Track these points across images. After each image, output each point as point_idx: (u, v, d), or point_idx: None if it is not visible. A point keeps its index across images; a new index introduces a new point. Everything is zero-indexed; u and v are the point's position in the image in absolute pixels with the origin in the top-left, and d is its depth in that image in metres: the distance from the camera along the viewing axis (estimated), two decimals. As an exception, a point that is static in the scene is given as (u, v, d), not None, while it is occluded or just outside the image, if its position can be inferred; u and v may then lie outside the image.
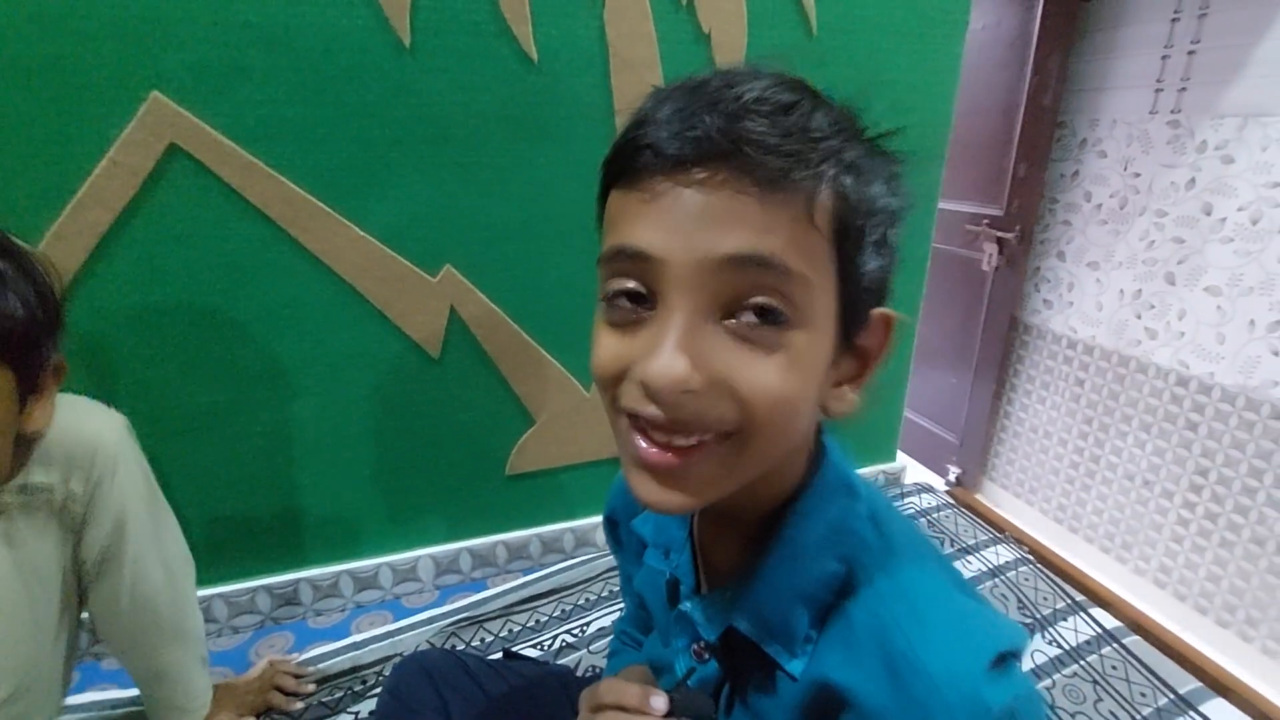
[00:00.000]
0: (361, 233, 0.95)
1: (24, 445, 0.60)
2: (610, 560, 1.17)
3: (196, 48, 0.82)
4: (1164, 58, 1.66)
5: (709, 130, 0.31)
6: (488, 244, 1.01)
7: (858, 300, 0.36)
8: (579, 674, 0.87)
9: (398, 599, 1.15)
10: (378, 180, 0.93)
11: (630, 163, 0.34)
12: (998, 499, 2.28)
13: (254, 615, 1.08)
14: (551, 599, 1.09)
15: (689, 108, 0.33)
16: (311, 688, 0.93)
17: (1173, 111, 1.65)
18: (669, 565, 0.49)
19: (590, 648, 0.99)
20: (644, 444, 0.35)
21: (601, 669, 0.77)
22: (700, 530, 0.49)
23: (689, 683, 0.47)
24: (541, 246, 1.03)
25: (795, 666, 0.41)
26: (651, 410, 0.33)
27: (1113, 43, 1.79)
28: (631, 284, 0.34)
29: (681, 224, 0.32)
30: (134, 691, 0.93)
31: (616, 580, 1.13)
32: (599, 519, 1.23)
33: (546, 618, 1.05)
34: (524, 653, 0.88)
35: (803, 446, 0.43)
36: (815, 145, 0.33)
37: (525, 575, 1.17)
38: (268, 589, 1.08)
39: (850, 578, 0.41)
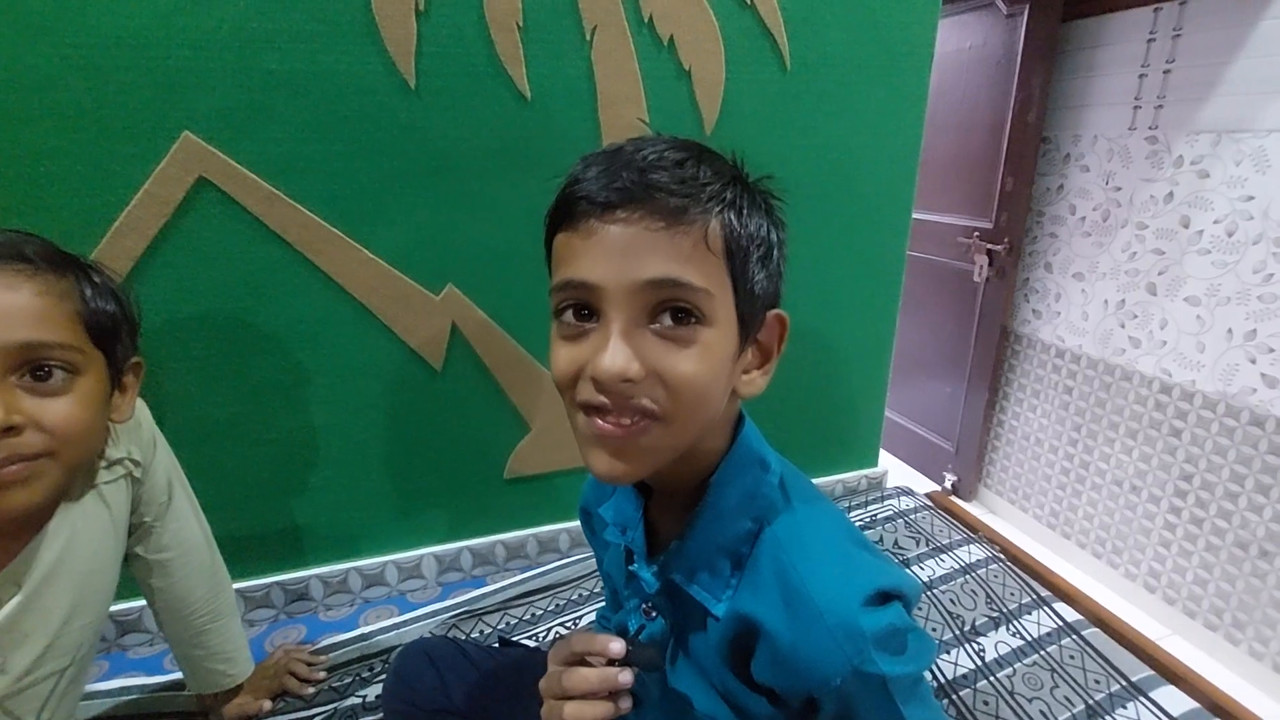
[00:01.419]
0: (371, 255, 1.04)
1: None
2: (603, 559, 1.24)
3: (224, 93, 0.92)
4: (1141, 76, 1.72)
5: (626, 182, 0.43)
6: (486, 265, 1.10)
7: (751, 304, 0.47)
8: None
9: (403, 595, 1.22)
10: (386, 208, 1.02)
11: (570, 210, 0.45)
12: (993, 505, 2.32)
13: (269, 609, 1.16)
14: (546, 594, 1.17)
15: (611, 167, 0.44)
16: (323, 675, 1.00)
17: (1150, 128, 1.71)
18: (626, 540, 0.58)
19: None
20: (600, 423, 0.44)
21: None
22: (651, 509, 0.58)
23: (640, 639, 0.55)
24: (535, 267, 1.10)
25: (719, 609, 0.50)
26: (601, 399, 0.43)
27: (1092, 62, 1.85)
28: (578, 303, 0.45)
29: (612, 257, 0.43)
30: (161, 678, 1.02)
31: (608, 578, 1.20)
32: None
33: (541, 611, 1.12)
34: (519, 643, 0.95)
35: (723, 423, 0.52)
36: (703, 189, 0.44)
37: (522, 573, 1.24)
38: (281, 585, 1.16)
39: (761, 533, 0.51)
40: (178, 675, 1.00)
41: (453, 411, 1.16)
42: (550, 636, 1.07)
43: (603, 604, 1.08)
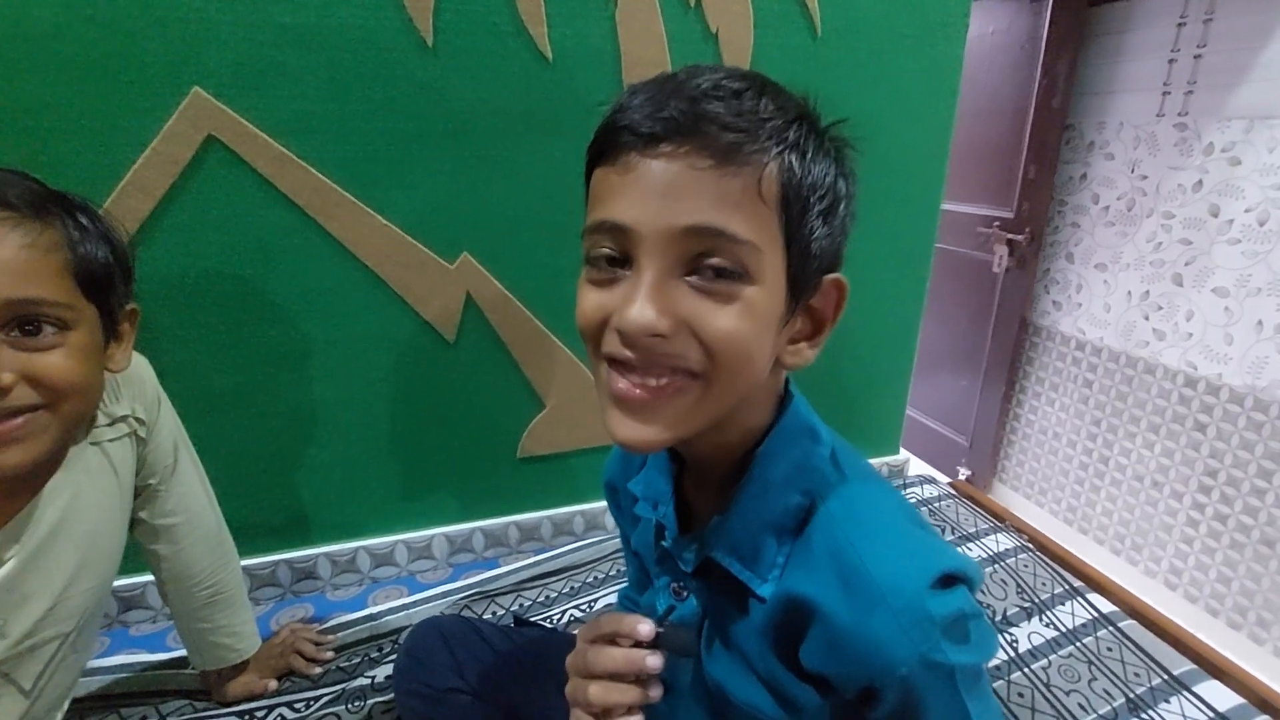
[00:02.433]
0: (384, 221, 1.00)
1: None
2: (617, 543, 1.21)
3: (235, 47, 0.88)
4: (1170, 61, 1.68)
5: (674, 112, 0.37)
6: (504, 233, 1.06)
7: (805, 265, 0.42)
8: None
9: (412, 575, 1.19)
10: (400, 172, 0.99)
11: (611, 142, 0.40)
12: (1008, 500, 2.28)
13: (275, 588, 1.13)
14: (560, 576, 1.13)
15: (658, 95, 0.39)
16: (330, 655, 0.97)
17: (1180, 114, 1.67)
18: (657, 515, 0.53)
19: (596, 623, 1.02)
20: (621, 382, 0.40)
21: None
22: (684, 484, 0.54)
23: (670, 620, 0.51)
24: (554, 235, 1.08)
25: (765, 590, 0.46)
26: (626, 354, 0.40)
27: (1120, 47, 1.81)
28: (610, 249, 0.40)
29: (649, 198, 0.38)
30: (162, 655, 0.98)
31: (623, 561, 1.16)
32: (603, 503, 1.27)
33: (556, 594, 1.09)
34: (536, 623, 0.91)
35: (765, 394, 0.48)
36: (763, 124, 0.38)
37: (536, 555, 1.20)
38: (288, 563, 1.12)
39: (812, 508, 0.46)
40: (180, 653, 0.97)
41: (465, 386, 1.13)
42: (565, 620, 1.04)
43: (624, 584, 1.05)
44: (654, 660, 0.47)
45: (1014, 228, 2.05)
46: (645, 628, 0.47)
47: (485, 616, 1.03)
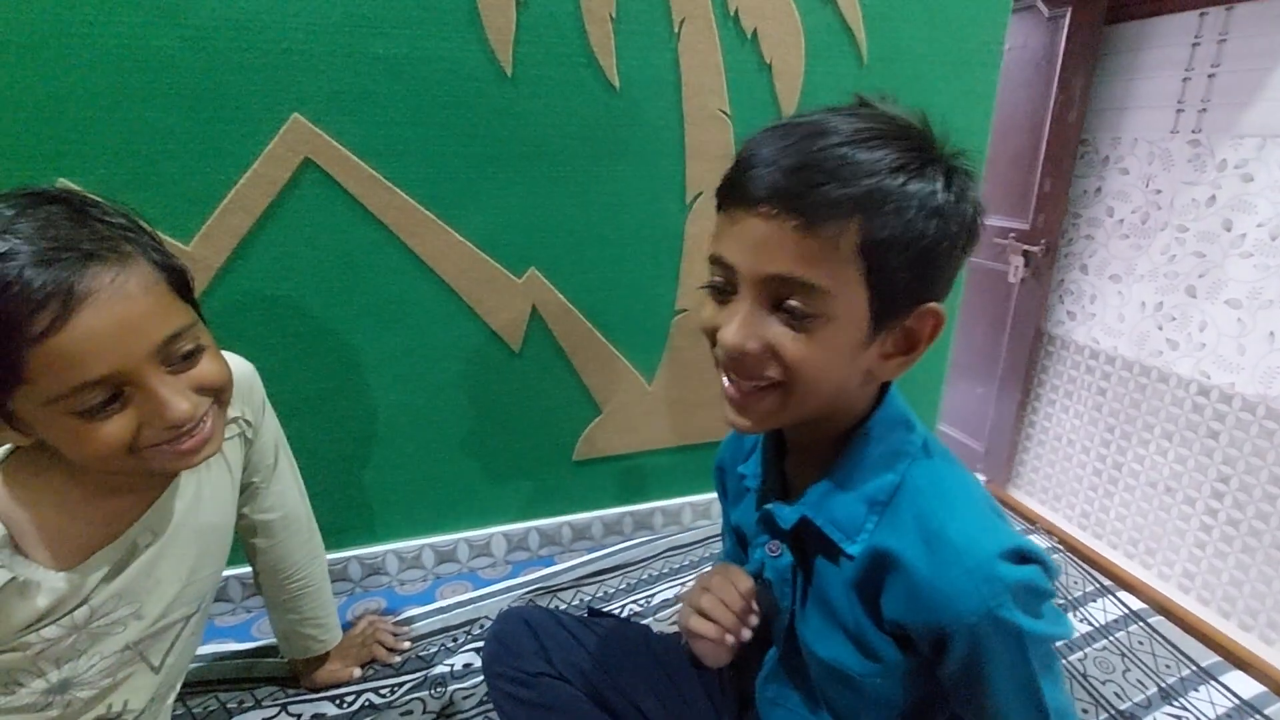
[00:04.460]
0: (460, 238, 1.07)
1: None
2: (668, 542, 1.27)
3: (333, 77, 0.95)
4: (1185, 80, 1.75)
5: (779, 177, 0.46)
6: (568, 249, 1.12)
7: (890, 302, 0.49)
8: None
9: (474, 572, 1.25)
10: (476, 192, 1.05)
11: (727, 194, 0.50)
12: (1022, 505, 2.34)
13: (347, 582, 1.19)
14: (616, 574, 1.19)
15: (777, 156, 0.46)
16: (408, 644, 1.03)
17: (1193, 131, 1.74)
18: (763, 486, 0.63)
19: (655, 616, 1.08)
20: (725, 381, 0.53)
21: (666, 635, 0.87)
22: (788, 465, 0.63)
23: (764, 576, 0.61)
24: (615, 253, 1.14)
25: (855, 549, 0.54)
26: (725, 359, 0.51)
27: (1135, 65, 1.88)
28: (721, 277, 0.51)
29: (746, 247, 0.48)
30: (249, 645, 1.05)
31: (676, 559, 1.23)
32: (657, 504, 1.34)
33: (614, 590, 1.15)
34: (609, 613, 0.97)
35: (861, 394, 0.56)
36: (857, 183, 0.45)
37: (589, 554, 1.27)
38: (359, 559, 1.19)
39: (902, 483, 0.54)
40: (264, 643, 1.03)
41: (527, 393, 1.19)
42: (624, 613, 1.10)
43: (679, 588, 1.13)
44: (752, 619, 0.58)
45: (1029, 239, 2.11)
46: (746, 582, 0.59)
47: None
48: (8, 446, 0.61)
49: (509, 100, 1.02)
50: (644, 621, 1.07)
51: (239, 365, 0.80)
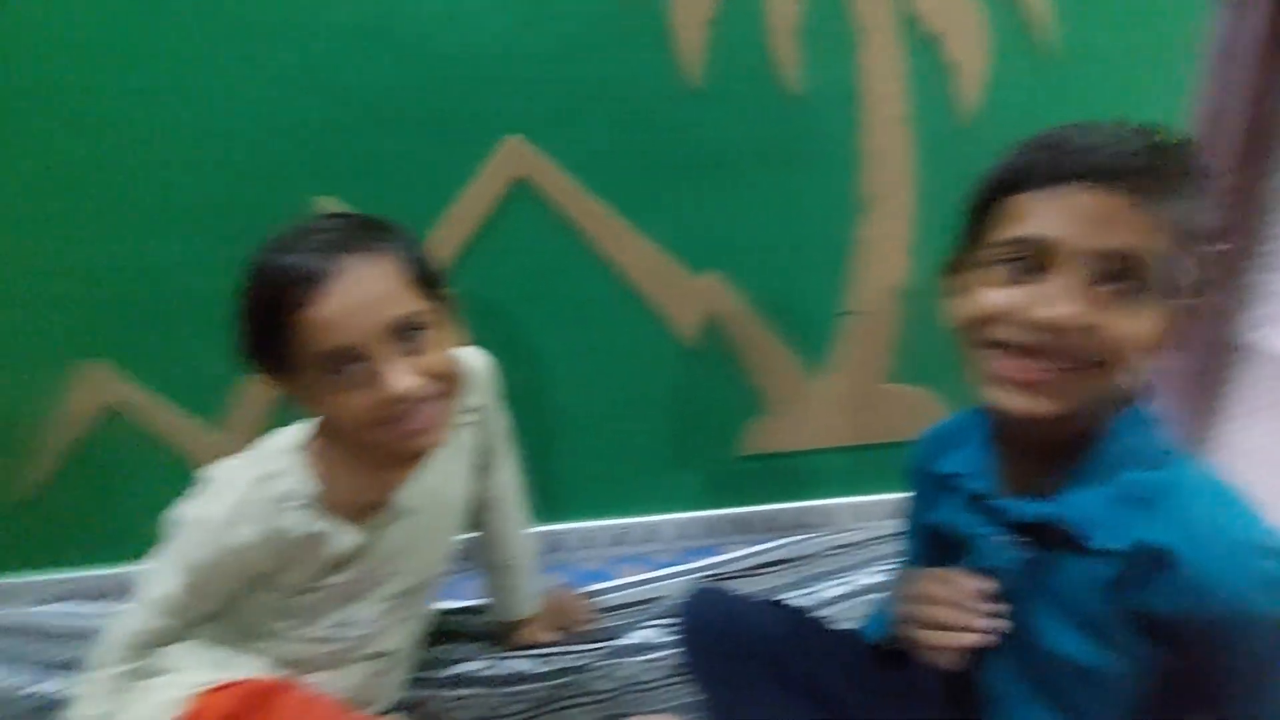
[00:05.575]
0: (649, 243, 1.15)
1: None
2: (829, 540, 1.29)
3: (545, 99, 1.07)
4: None
5: (1111, 160, 0.47)
6: (747, 253, 1.18)
7: (1183, 285, 0.49)
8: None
9: (645, 555, 1.33)
10: (665, 199, 1.14)
11: (1036, 175, 0.50)
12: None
13: (533, 555, 1.31)
14: (780, 568, 1.23)
15: (1096, 143, 0.48)
16: (596, 615, 1.12)
17: None
18: (982, 484, 0.62)
19: (822, 612, 1.11)
20: (1010, 364, 0.51)
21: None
22: (1001, 459, 0.62)
23: (990, 572, 0.59)
24: (788, 256, 1.19)
25: (1109, 543, 0.53)
26: (1027, 340, 0.49)
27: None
28: (1021, 256, 0.50)
29: (1078, 220, 0.48)
30: (458, 604, 1.17)
31: (840, 557, 1.24)
32: (815, 502, 1.36)
33: (780, 583, 1.19)
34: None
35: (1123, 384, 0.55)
36: (1178, 176, 0.47)
37: (752, 546, 1.31)
38: (542, 535, 1.30)
39: (1167, 481, 0.53)
40: (469, 603, 1.15)
41: (700, 388, 1.26)
42: (795, 606, 1.13)
43: (844, 586, 1.14)
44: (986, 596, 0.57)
45: (1220, 238, 1.92)
46: (977, 584, 0.57)
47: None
48: (315, 421, 0.75)
49: (695, 113, 1.09)
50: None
51: (479, 359, 0.91)
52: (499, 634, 1.09)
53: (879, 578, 1.16)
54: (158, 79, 1.02)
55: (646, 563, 1.30)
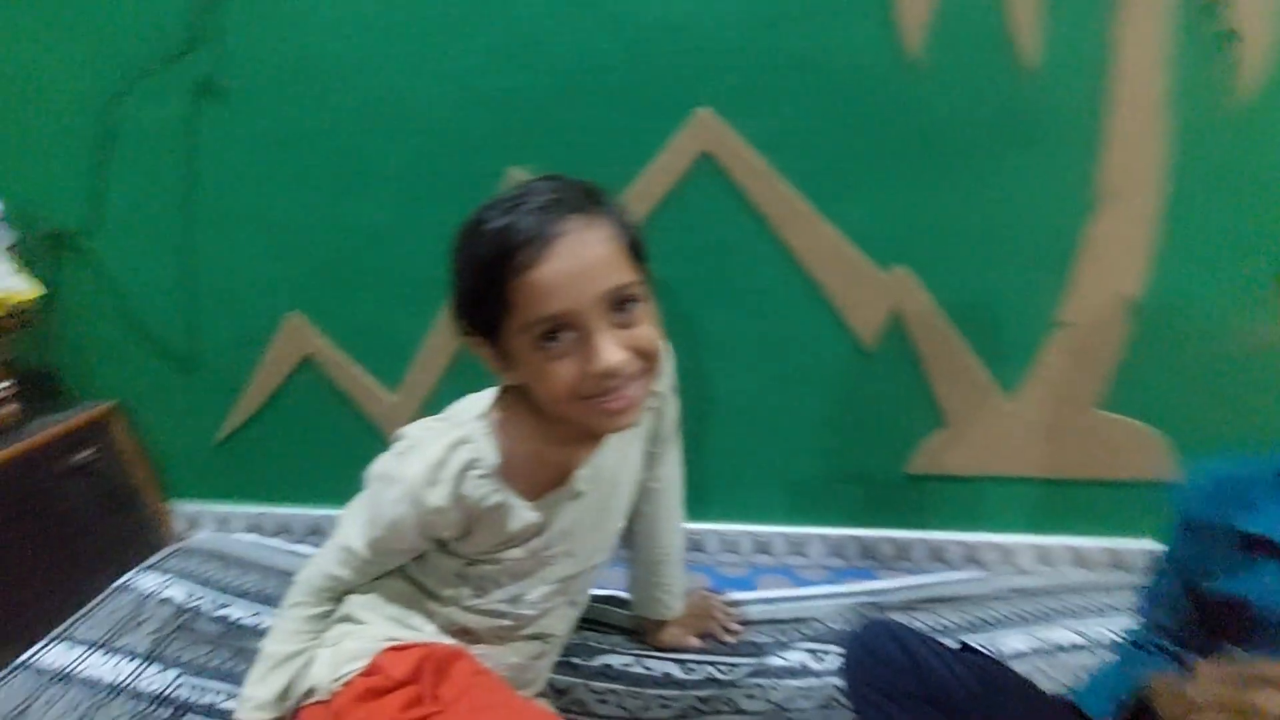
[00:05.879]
0: (833, 229, 1.05)
1: None
2: (1008, 583, 1.13)
3: (739, 71, 1.00)
4: None
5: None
6: (945, 246, 1.05)
7: None
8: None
9: (789, 568, 1.24)
10: (860, 184, 1.03)
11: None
12: None
13: (668, 554, 1.26)
14: (951, 606, 1.09)
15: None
16: (739, 627, 1.05)
17: None
18: None
19: (1004, 665, 0.96)
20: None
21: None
22: None
23: None
24: (995, 253, 1.04)
25: None
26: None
27: None
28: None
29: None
30: (602, 592, 1.14)
31: (1022, 604, 1.08)
32: (993, 537, 1.20)
33: (950, 624, 1.05)
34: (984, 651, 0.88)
35: None
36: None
37: (911, 576, 1.18)
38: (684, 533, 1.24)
39: None
40: (611, 593, 1.11)
41: (871, 393, 1.15)
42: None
43: (1026, 636, 1.00)
44: None
45: None
46: None
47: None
48: (501, 391, 0.72)
49: (912, 88, 0.98)
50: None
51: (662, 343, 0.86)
52: (640, 630, 1.04)
53: (1073, 637, 1.00)
54: (372, 50, 1.07)
55: (789, 576, 1.20)
